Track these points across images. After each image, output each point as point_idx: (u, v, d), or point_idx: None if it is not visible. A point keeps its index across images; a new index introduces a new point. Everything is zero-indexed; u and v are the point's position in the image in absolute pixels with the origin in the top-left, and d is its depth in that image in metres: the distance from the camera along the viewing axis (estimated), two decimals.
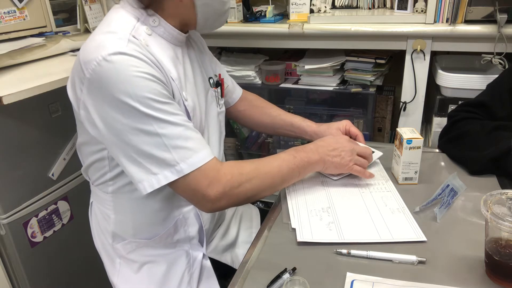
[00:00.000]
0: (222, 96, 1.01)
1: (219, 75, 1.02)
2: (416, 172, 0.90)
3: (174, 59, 0.81)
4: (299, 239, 0.74)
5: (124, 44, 0.70)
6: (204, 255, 0.93)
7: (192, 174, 0.73)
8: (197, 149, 0.74)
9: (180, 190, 0.77)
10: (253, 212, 1.17)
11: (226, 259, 1.00)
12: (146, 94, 0.69)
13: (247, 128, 1.78)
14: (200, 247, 0.93)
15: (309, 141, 0.97)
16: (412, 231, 0.74)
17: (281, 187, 0.86)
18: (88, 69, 0.69)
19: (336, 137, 0.92)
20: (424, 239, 0.72)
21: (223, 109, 1.00)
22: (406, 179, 0.90)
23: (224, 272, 0.97)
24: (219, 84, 0.99)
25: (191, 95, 0.84)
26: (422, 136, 0.87)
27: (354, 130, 1.02)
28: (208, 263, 0.93)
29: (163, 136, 0.71)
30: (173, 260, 0.91)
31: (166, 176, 0.72)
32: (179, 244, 0.92)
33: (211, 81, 0.97)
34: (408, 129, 0.90)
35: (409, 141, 0.87)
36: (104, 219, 0.91)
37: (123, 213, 0.88)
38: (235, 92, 1.12)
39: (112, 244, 0.91)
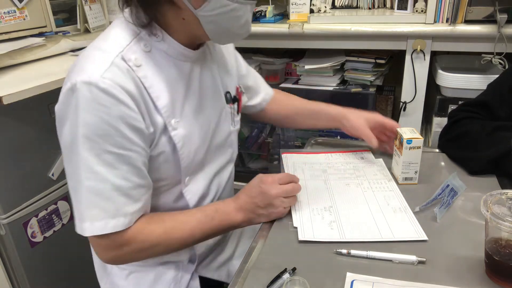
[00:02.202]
0: (238, 111, 0.93)
1: (237, 88, 0.93)
2: (416, 172, 0.90)
3: (174, 78, 0.76)
4: (301, 238, 0.74)
5: (104, 69, 0.66)
6: (193, 274, 0.90)
7: (93, 236, 0.71)
8: (111, 215, 0.69)
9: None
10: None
11: (220, 275, 0.96)
12: (95, 137, 0.66)
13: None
14: (191, 266, 0.90)
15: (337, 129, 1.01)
16: (413, 230, 0.74)
17: (195, 244, 0.84)
18: (64, 87, 0.68)
19: (256, 182, 0.80)
20: (425, 238, 0.72)
21: (238, 127, 0.93)
22: (406, 179, 0.90)
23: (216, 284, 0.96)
24: (236, 99, 0.91)
25: (188, 121, 0.78)
26: (422, 136, 0.87)
27: (389, 122, 0.94)
28: (196, 283, 0.90)
29: (84, 187, 0.68)
30: (161, 272, 0.89)
31: (77, 225, 0.71)
32: (168, 262, 0.90)
33: (228, 96, 0.89)
34: (408, 129, 0.90)
35: (409, 141, 0.87)
36: None
37: None
38: (259, 95, 1.05)
39: None
